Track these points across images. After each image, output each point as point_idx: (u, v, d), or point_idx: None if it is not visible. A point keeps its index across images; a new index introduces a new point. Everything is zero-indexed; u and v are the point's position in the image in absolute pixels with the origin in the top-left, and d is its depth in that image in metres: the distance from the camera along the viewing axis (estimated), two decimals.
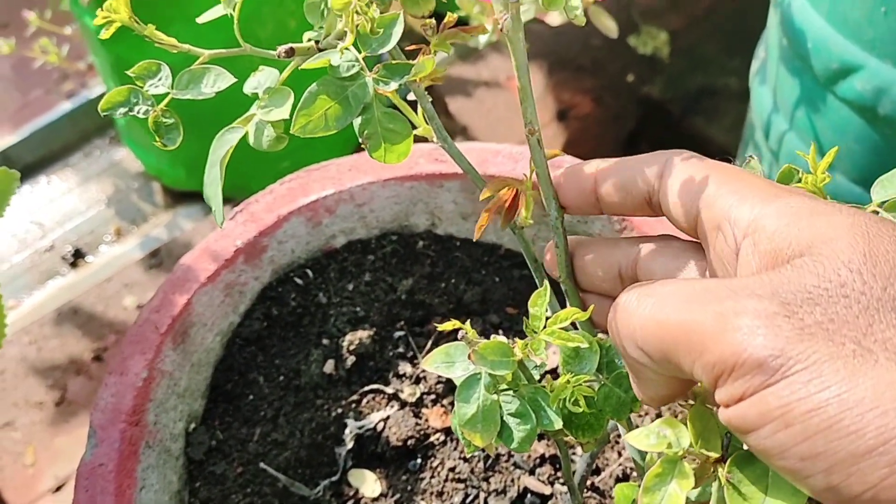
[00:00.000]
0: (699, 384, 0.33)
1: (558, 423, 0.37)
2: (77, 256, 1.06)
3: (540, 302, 0.36)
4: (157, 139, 0.39)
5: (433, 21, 0.41)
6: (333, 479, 0.57)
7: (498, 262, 0.64)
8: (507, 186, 0.42)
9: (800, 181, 0.38)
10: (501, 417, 0.36)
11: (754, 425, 0.26)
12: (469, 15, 0.79)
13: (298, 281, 0.62)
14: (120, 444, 0.52)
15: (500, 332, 0.62)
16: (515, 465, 0.57)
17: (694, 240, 0.36)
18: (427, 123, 0.44)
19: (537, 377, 0.39)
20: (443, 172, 0.61)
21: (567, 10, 0.39)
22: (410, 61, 0.35)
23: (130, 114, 0.39)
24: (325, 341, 0.61)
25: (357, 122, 0.35)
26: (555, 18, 0.77)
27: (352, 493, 0.57)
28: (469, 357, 0.34)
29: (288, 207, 0.60)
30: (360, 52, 0.35)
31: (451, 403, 0.60)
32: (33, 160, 1.14)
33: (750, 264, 0.30)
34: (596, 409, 0.39)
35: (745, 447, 0.30)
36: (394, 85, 0.34)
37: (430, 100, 0.43)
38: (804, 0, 0.66)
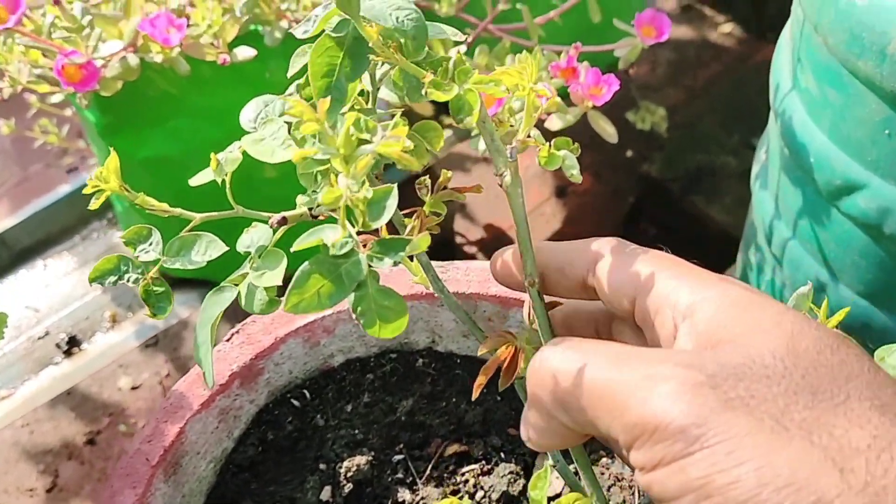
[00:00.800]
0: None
1: None
2: (72, 344, 1.04)
3: (540, 485, 0.34)
4: (148, 308, 0.38)
5: (427, 179, 0.40)
6: None
7: (499, 381, 0.63)
8: (505, 343, 0.41)
9: None
10: None
11: (674, 494, 0.27)
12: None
13: (295, 403, 0.61)
14: None
15: (502, 454, 0.61)
16: None
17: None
18: (424, 273, 0.43)
19: None
20: (476, 337, 0.60)
21: (565, 168, 0.39)
22: (405, 237, 0.34)
23: (121, 282, 0.38)
24: (321, 466, 0.59)
25: (351, 298, 0.34)
26: (555, 123, 0.76)
27: None
28: None
29: (285, 329, 0.59)
30: (353, 226, 0.34)
31: None
32: (31, 243, 1.13)
33: (687, 344, 0.31)
34: None
35: None
36: (388, 262, 0.34)
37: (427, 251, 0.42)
38: (806, 115, 0.66)
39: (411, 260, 0.45)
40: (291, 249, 0.34)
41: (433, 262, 0.62)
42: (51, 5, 0.62)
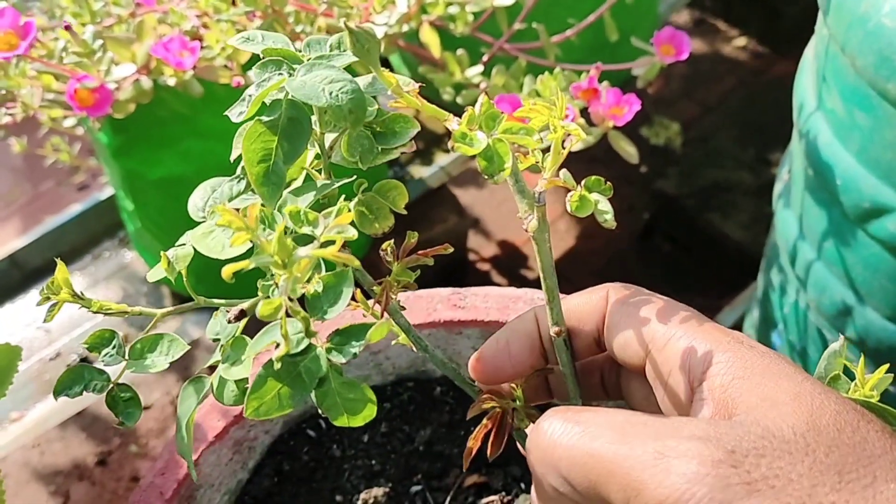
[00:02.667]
0: None
1: None
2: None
3: None
4: (116, 416, 0.37)
5: (392, 243, 0.38)
6: None
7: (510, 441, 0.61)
8: (494, 406, 0.39)
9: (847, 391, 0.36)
10: None
11: None
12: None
13: (311, 433, 0.60)
14: None
15: (522, 485, 0.59)
16: None
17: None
18: (406, 335, 0.41)
19: None
20: (461, 319, 0.59)
21: (597, 213, 0.37)
22: (366, 323, 0.32)
23: (86, 392, 0.37)
24: (338, 498, 0.58)
25: (314, 394, 0.32)
26: (576, 144, 0.75)
27: None
28: None
29: None
30: (309, 319, 0.31)
31: None
32: (42, 263, 1.12)
33: (702, 412, 0.30)
34: None
35: None
36: (350, 352, 0.32)
37: (405, 309, 0.40)
38: (832, 136, 0.64)
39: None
40: (245, 354, 0.33)
41: (448, 289, 0.61)
42: (62, 30, 0.61)
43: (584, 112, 0.76)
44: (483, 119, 0.33)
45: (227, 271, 0.27)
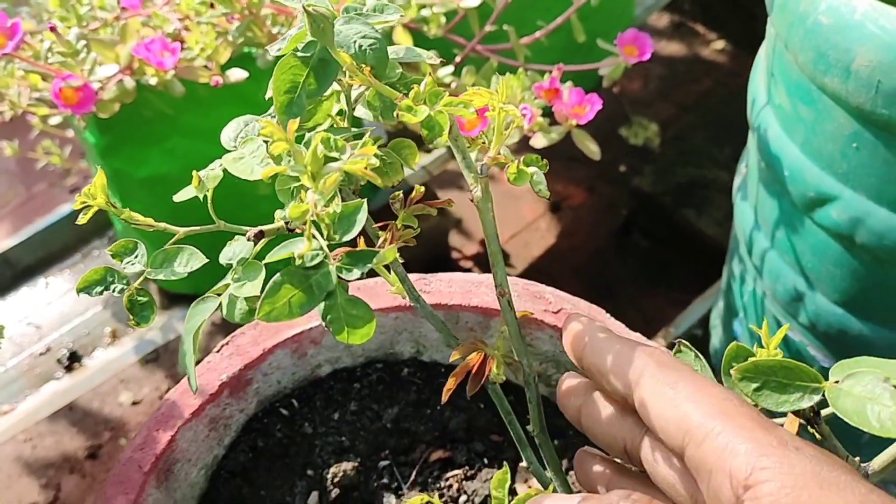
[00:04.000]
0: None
1: None
2: (73, 360, 1.07)
3: (501, 484, 0.36)
4: (131, 317, 0.40)
5: (401, 195, 0.43)
6: None
7: (483, 389, 0.65)
8: (475, 350, 0.42)
9: (750, 356, 0.38)
10: None
11: None
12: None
13: (284, 411, 0.63)
14: None
15: (485, 460, 0.62)
16: None
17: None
18: (401, 284, 0.45)
19: None
20: (427, 303, 0.62)
21: (533, 184, 0.41)
22: (374, 249, 0.36)
23: (107, 292, 0.40)
24: (310, 472, 0.61)
25: (321, 306, 0.36)
26: (539, 141, 0.79)
27: None
28: None
29: (273, 340, 0.61)
30: (325, 239, 0.36)
31: None
32: (33, 262, 1.15)
33: None
34: None
35: None
36: (357, 273, 0.35)
37: (402, 261, 0.44)
38: (780, 129, 0.68)
39: (389, 271, 0.47)
40: (264, 261, 0.36)
41: (415, 275, 0.64)
42: (48, 31, 0.65)
43: (549, 111, 0.79)
44: (427, 95, 0.36)
45: (265, 174, 0.32)
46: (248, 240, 0.38)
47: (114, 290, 0.40)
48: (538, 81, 0.77)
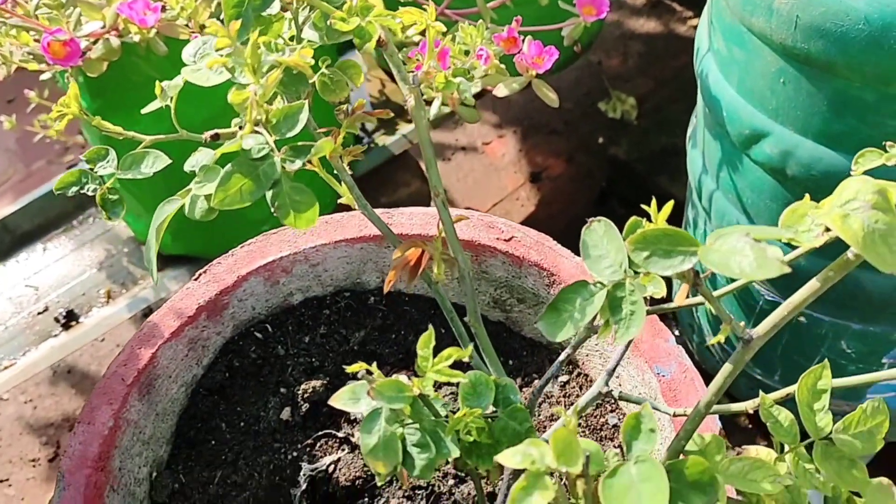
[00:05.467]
0: None
1: (455, 452, 0.42)
2: (70, 318, 1.12)
3: (426, 343, 0.41)
4: (104, 212, 0.45)
5: (346, 107, 0.48)
6: None
7: (443, 315, 0.70)
8: (415, 246, 0.47)
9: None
10: (405, 448, 0.42)
11: None
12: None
13: (258, 335, 0.68)
14: (85, 488, 0.56)
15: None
16: (455, 503, 0.61)
17: None
18: (350, 193, 0.50)
19: (444, 413, 0.44)
20: (391, 243, 0.67)
21: (459, 92, 0.46)
22: (311, 143, 0.41)
23: (82, 192, 0.45)
24: (282, 390, 0.66)
25: (268, 194, 0.41)
26: (501, 90, 0.83)
27: None
28: (369, 393, 0.40)
29: (247, 268, 0.66)
30: (271, 136, 0.41)
31: None
32: (30, 228, 1.21)
33: None
34: (494, 440, 0.44)
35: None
36: (298, 163, 0.41)
37: (351, 173, 0.49)
38: (718, 73, 0.72)
39: (340, 183, 0.52)
40: (217, 151, 0.42)
41: (390, 210, 0.69)
42: None
43: (510, 62, 0.84)
44: (358, 9, 0.41)
45: (210, 63, 0.36)
46: (205, 141, 0.43)
47: (88, 190, 0.45)
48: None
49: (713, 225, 0.82)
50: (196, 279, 0.66)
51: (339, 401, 0.41)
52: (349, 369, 0.41)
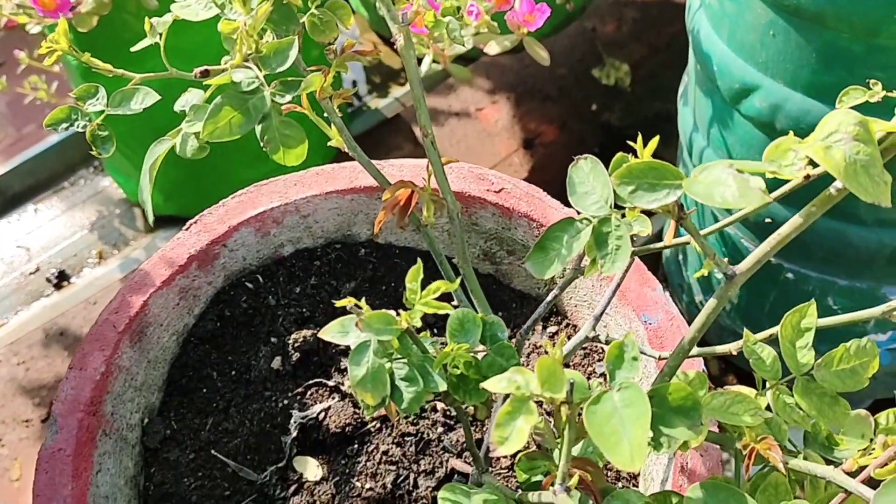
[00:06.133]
0: None
1: (443, 385, 0.42)
2: (61, 278, 1.12)
3: (415, 277, 0.42)
4: (94, 149, 0.45)
5: (335, 47, 0.48)
6: (279, 465, 0.62)
7: (434, 267, 0.70)
8: (404, 187, 0.48)
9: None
10: (393, 382, 0.42)
11: None
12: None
13: (249, 285, 0.68)
14: (78, 431, 0.57)
15: (435, 330, 0.68)
16: (444, 449, 0.62)
17: None
18: (340, 135, 0.50)
19: (433, 351, 0.45)
20: (379, 185, 0.67)
21: (448, 31, 0.46)
22: (301, 78, 0.41)
23: (72, 128, 0.46)
24: (273, 339, 0.66)
25: (258, 128, 0.41)
26: (493, 48, 0.83)
27: (296, 478, 0.62)
28: (357, 325, 0.40)
29: (238, 218, 0.66)
30: (261, 71, 0.41)
31: None
32: (22, 189, 1.21)
33: None
34: (481, 375, 0.44)
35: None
36: (287, 97, 0.41)
37: (340, 115, 0.49)
38: (710, 27, 0.73)
39: (330, 126, 0.52)
40: (209, 89, 0.42)
41: (381, 161, 0.70)
42: None
43: (502, 20, 0.84)
44: None
45: None
46: (195, 77, 0.44)
47: (78, 126, 0.45)
48: None
49: None
50: (187, 229, 0.67)
51: (328, 333, 0.42)
52: (338, 304, 0.42)
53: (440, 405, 0.64)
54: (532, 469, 0.45)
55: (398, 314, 0.42)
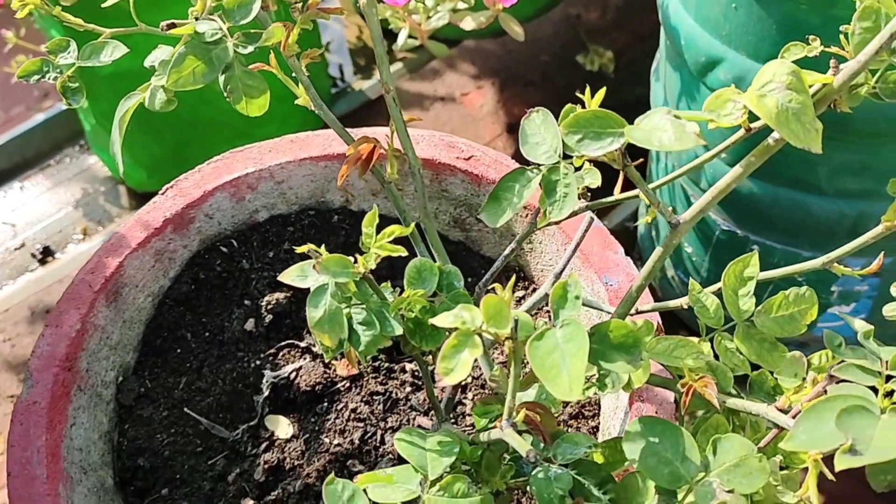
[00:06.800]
0: None
1: (399, 330, 0.44)
2: (46, 254, 1.13)
3: (370, 222, 0.43)
4: (65, 100, 0.47)
5: (299, 4, 0.49)
6: (251, 423, 0.64)
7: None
8: (367, 142, 0.49)
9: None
10: (351, 326, 0.44)
11: None
12: (387, 19, 0.87)
13: (224, 249, 0.70)
14: (53, 385, 0.59)
15: (397, 288, 0.69)
16: (412, 408, 0.64)
17: None
18: (306, 93, 0.52)
19: (391, 298, 0.47)
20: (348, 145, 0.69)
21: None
22: (263, 30, 0.43)
23: (43, 80, 0.47)
24: (246, 302, 0.68)
25: (221, 78, 0.42)
26: (468, 23, 0.85)
27: (267, 436, 0.63)
28: (314, 268, 0.42)
29: (213, 183, 0.68)
30: (225, 24, 0.43)
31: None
32: (8, 166, 1.22)
33: None
34: None
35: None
36: (250, 48, 0.42)
37: (308, 74, 0.51)
38: (678, 2, 0.74)
39: (297, 84, 0.53)
40: (170, 32, 0.43)
41: (353, 129, 0.71)
42: None
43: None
44: None
45: None
46: (162, 31, 0.45)
47: (49, 78, 0.47)
48: None
49: (673, 157, 0.84)
50: (163, 193, 0.68)
51: (288, 276, 0.43)
52: (298, 250, 0.43)
53: (409, 366, 0.66)
54: (487, 413, 0.47)
55: (356, 260, 0.43)
